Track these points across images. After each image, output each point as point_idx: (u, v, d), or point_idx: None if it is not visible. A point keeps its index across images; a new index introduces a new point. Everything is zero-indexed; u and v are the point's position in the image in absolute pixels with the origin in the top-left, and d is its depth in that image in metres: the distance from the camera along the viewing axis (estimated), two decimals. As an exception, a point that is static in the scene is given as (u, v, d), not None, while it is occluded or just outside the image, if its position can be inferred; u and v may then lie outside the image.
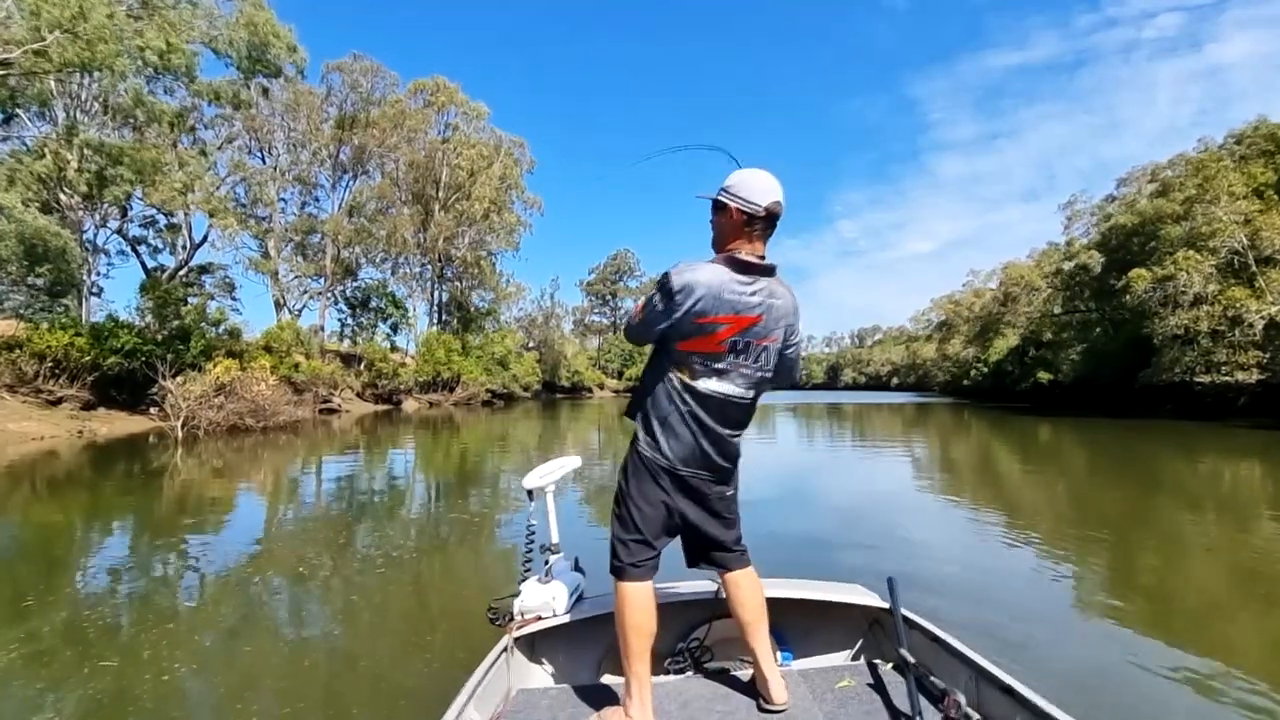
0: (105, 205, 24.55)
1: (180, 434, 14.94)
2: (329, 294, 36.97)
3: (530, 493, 2.35)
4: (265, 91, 23.69)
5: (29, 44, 12.37)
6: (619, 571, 1.77)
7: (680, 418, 1.72)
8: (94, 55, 12.46)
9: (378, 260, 40.05)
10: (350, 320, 40.14)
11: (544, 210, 48.17)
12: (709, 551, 1.90)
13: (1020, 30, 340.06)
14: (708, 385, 1.71)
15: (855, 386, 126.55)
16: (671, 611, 2.14)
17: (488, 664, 1.87)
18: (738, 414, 1.77)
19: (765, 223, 1.72)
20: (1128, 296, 26.22)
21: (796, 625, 2.31)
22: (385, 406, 32.38)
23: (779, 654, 2.14)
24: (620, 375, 72.24)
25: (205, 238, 30.28)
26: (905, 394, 77.30)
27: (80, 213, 23.97)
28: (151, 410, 17.05)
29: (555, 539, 2.40)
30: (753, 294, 1.69)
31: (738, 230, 1.73)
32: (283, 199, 34.79)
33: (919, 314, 66.52)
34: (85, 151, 20.00)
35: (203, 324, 22.21)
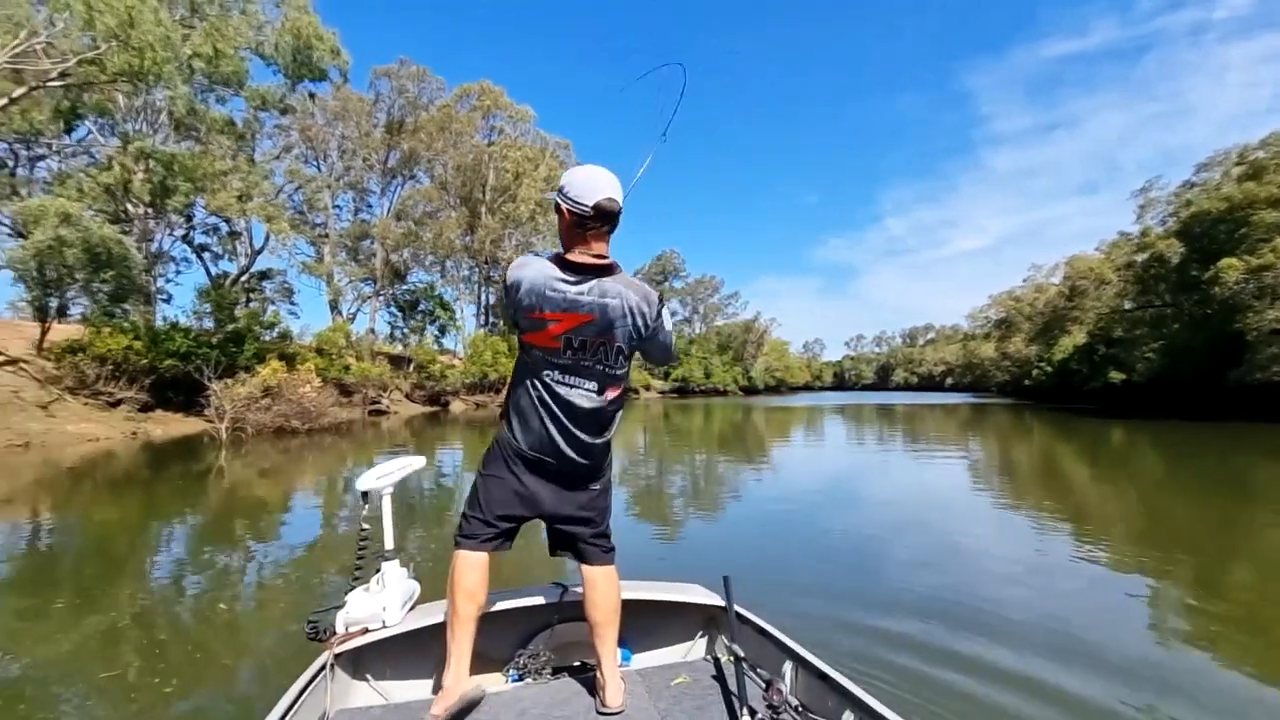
0: (169, 214, 25.65)
1: (225, 436, 15.26)
2: (379, 297, 37.81)
3: (365, 495, 2.13)
4: (312, 96, 24.15)
5: (83, 53, 12.90)
6: (457, 541, 1.85)
7: (532, 404, 1.78)
8: (143, 63, 12.86)
9: (427, 264, 40.80)
10: (400, 323, 40.96)
11: (589, 212, 48.11)
12: (568, 542, 1.92)
13: (1077, 17, 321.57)
14: (551, 378, 1.76)
15: (907, 387, 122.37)
16: (512, 617, 2.12)
17: (300, 686, 1.70)
18: (586, 412, 1.78)
19: (599, 221, 1.73)
20: (1216, 289, 24.14)
21: (637, 626, 2.27)
22: (433, 408, 32.83)
23: (619, 655, 2.08)
24: (666, 376, 71.73)
25: (265, 244, 31.38)
26: (960, 394, 74.14)
27: (149, 222, 25.17)
28: (205, 412, 17.53)
29: (390, 545, 2.19)
30: (579, 294, 1.70)
31: (572, 231, 1.75)
32: (337, 206, 35.83)
33: (976, 311, 63.41)
34: (147, 162, 20.81)
35: (255, 327, 22.81)
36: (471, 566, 1.82)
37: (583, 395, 1.78)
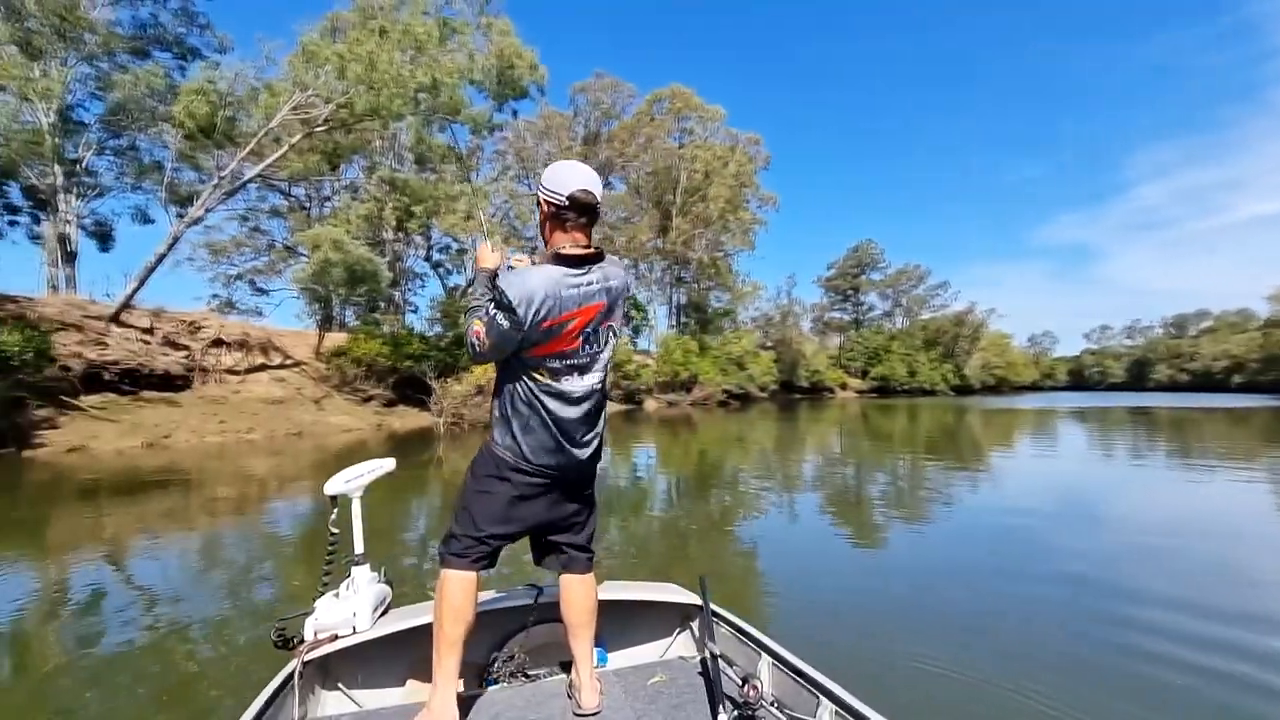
0: (412, 236, 29.94)
1: (443, 429, 17.13)
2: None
3: (334, 499, 2.07)
4: (515, 114, 26.35)
5: (339, 98, 15.52)
6: (445, 560, 1.76)
7: (541, 421, 1.72)
8: (380, 100, 15.06)
9: (623, 267, 42.61)
10: (599, 324, 43.26)
11: (779, 206, 46.77)
12: (555, 550, 1.89)
13: None
14: (570, 383, 1.73)
15: (1172, 386, 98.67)
16: (486, 621, 2.04)
17: (266, 696, 1.67)
18: (591, 406, 1.78)
19: (577, 212, 1.72)
20: None
21: (614, 626, 2.25)
22: (628, 406, 34.10)
23: (596, 655, 2.02)
24: (865, 375, 67.13)
25: (485, 258, 35.02)
26: (1257, 396, 57.87)
27: (398, 244, 29.66)
28: (433, 408, 19.92)
29: (360, 549, 2.13)
30: (589, 284, 1.71)
31: (554, 223, 1.75)
32: (543, 219, 38.96)
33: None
34: (393, 191, 24.42)
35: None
36: (461, 587, 1.73)
37: (588, 388, 1.76)
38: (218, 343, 18.40)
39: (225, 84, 18.45)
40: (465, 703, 1.78)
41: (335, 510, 2.09)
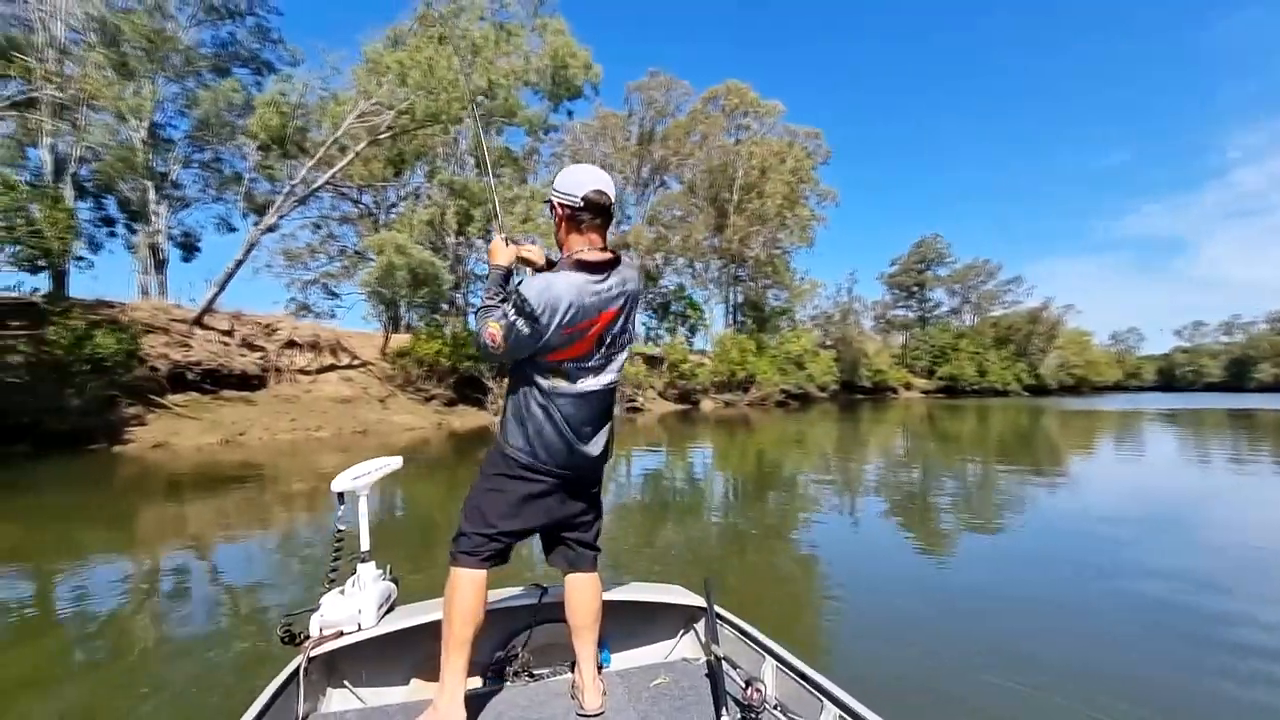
0: (472, 239, 30.64)
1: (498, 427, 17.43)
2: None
3: (340, 495, 2.05)
4: (570, 114, 26.53)
5: (399, 105, 16.04)
6: (455, 558, 1.75)
7: (553, 423, 1.71)
8: (439, 106, 15.43)
9: (680, 266, 42.43)
10: (655, 324, 43.22)
11: (839, 201, 45.46)
12: (565, 549, 1.90)
13: None
14: (585, 384, 1.73)
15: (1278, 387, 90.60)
16: (491, 620, 1.94)
17: (271, 691, 1.68)
18: (607, 403, 1.79)
19: (592, 213, 1.73)
20: None
21: (617, 627, 2.22)
22: (684, 406, 33.83)
23: (600, 656, 2.03)
24: (930, 374, 64.49)
25: (540, 259, 35.61)
26: None
27: (459, 248, 30.42)
28: (489, 407, 20.22)
29: (366, 546, 2.14)
30: (609, 289, 1.71)
31: (569, 225, 1.76)
32: (599, 220, 39.30)
33: None
34: (453, 196, 25.00)
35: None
36: (472, 586, 1.73)
37: (601, 387, 1.75)
38: (291, 344, 19.23)
39: (295, 95, 19.30)
40: (468, 701, 1.78)
41: (341, 507, 2.09)
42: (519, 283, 1.70)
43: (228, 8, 21.85)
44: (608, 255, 1.74)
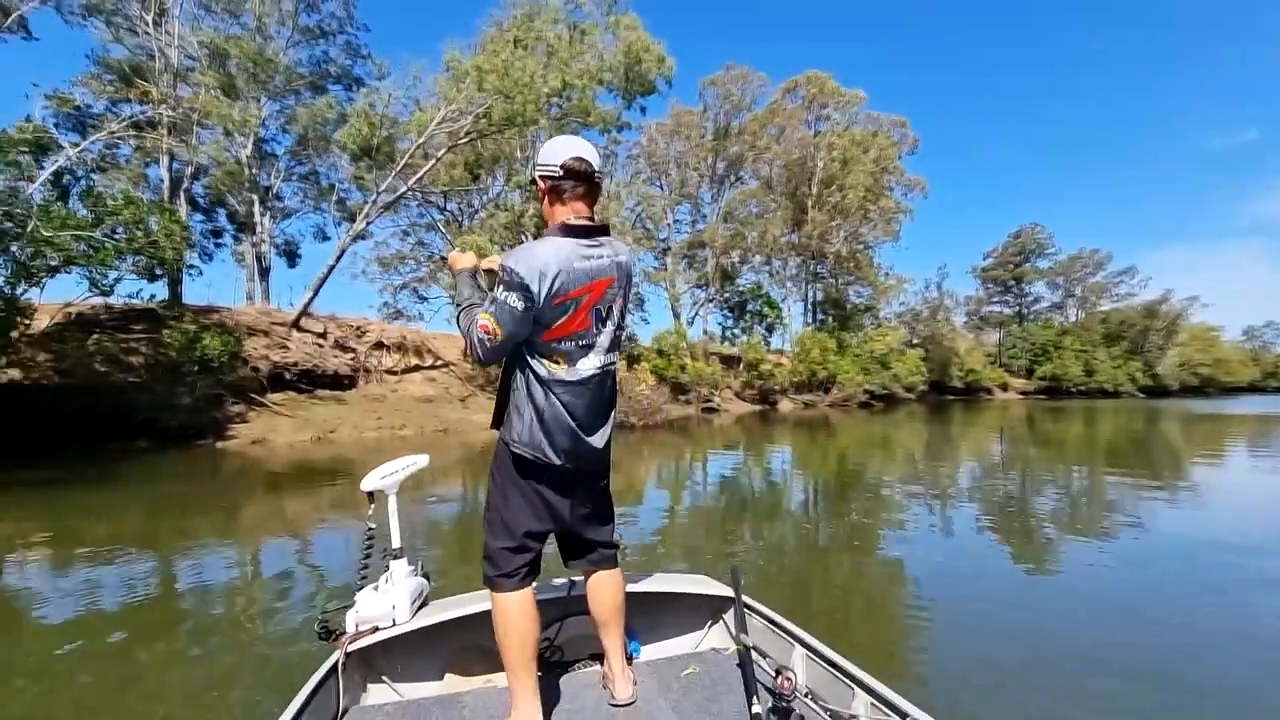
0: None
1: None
2: (711, 301, 39.78)
3: (370, 495, 2.09)
4: (643, 110, 26.32)
5: (477, 109, 16.39)
6: (492, 583, 1.73)
7: (555, 414, 1.66)
8: (515, 109, 15.62)
9: (757, 264, 41.49)
10: (731, 323, 42.44)
11: (927, 192, 43.04)
12: (583, 549, 1.89)
13: None
14: (586, 365, 1.67)
15: None
16: None
17: (312, 685, 1.71)
18: (610, 389, 1.77)
19: (574, 180, 1.67)
20: None
21: (646, 618, 2.26)
22: (761, 406, 32.98)
23: (629, 647, 2.04)
24: (1030, 374, 60.08)
25: (616, 258, 35.82)
26: None
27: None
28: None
29: (397, 543, 2.15)
30: (601, 256, 1.65)
31: (553, 197, 1.71)
32: (676, 219, 38.99)
33: None
34: (524, 196, 25.46)
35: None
36: (519, 608, 1.70)
37: (600, 367, 1.70)
38: (379, 345, 20.05)
39: (382, 106, 20.12)
40: (500, 692, 1.80)
41: (372, 506, 2.12)
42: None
43: (321, 27, 23.09)
44: (594, 222, 1.69)
